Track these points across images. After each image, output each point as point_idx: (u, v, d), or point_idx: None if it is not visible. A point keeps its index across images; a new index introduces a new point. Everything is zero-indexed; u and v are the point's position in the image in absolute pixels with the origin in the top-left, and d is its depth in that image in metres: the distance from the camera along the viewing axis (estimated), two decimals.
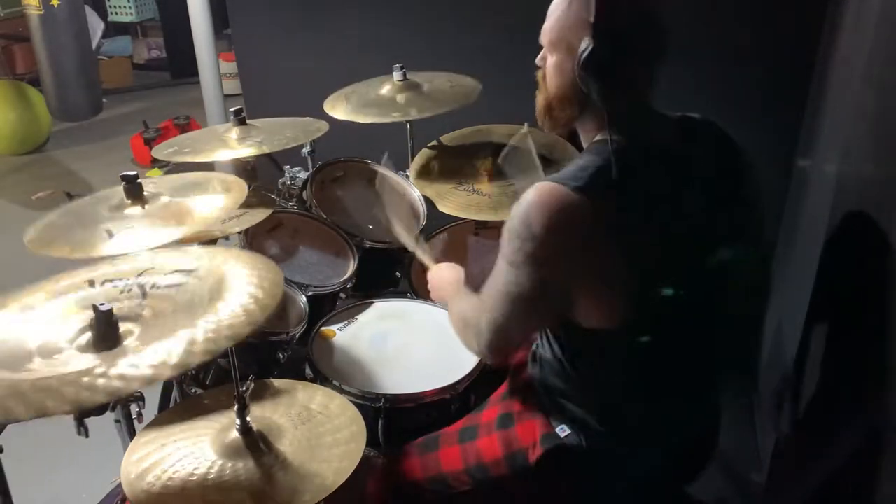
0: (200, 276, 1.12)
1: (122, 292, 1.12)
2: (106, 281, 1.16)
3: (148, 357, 0.92)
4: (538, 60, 1.20)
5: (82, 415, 1.05)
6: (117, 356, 0.95)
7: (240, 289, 1.05)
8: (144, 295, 1.11)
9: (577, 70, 1.08)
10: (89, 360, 0.96)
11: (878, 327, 1.13)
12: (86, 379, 0.89)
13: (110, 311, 1.00)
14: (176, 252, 1.23)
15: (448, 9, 2.61)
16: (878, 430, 1.08)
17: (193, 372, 1.64)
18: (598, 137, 1.16)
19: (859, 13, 1.66)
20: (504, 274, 1.14)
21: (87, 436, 1.09)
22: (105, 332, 1.00)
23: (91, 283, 1.15)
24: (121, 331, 1.02)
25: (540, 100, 1.20)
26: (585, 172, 1.08)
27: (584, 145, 1.20)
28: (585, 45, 1.06)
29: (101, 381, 0.88)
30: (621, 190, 1.08)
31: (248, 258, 1.16)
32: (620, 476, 1.25)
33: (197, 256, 1.19)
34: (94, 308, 1.00)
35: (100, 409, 1.04)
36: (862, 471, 1.14)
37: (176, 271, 1.15)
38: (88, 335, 1.02)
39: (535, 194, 1.07)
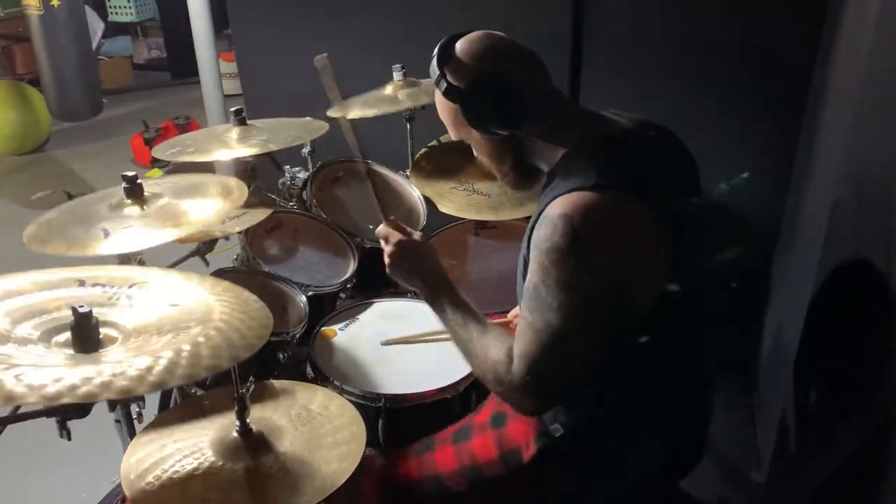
0: (189, 307, 1.11)
1: (108, 298, 1.12)
2: (96, 284, 1.16)
3: (72, 375, 0.89)
4: (475, 154, 1.31)
5: (63, 418, 1.05)
6: (80, 362, 0.95)
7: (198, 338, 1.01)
8: (131, 306, 1.11)
9: (473, 126, 1.20)
10: (40, 357, 0.96)
11: (878, 327, 1.13)
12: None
13: (89, 313, 1.00)
14: (175, 273, 1.23)
15: (448, 9, 2.61)
16: (878, 430, 1.08)
17: None
18: (561, 153, 1.18)
19: (859, 14, 1.66)
20: (551, 300, 1.05)
21: (69, 439, 1.08)
22: (80, 334, 1.00)
23: (81, 283, 1.15)
24: (102, 337, 1.02)
25: (497, 175, 1.31)
26: (588, 174, 1.09)
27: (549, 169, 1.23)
28: (459, 110, 1.19)
29: (9, 383, 0.86)
30: (624, 178, 1.09)
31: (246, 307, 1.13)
32: (616, 474, 1.25)
33: (197, 282, 1.19)
34: (73, 309, 0.99)
35: (81, 413, 1.03)
36: (862, 470, 1.14)
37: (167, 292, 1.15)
38: (67, 334, 1.02)
39: (564, 207, 1.06)
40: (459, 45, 1.21)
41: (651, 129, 1.23)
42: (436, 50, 1.22)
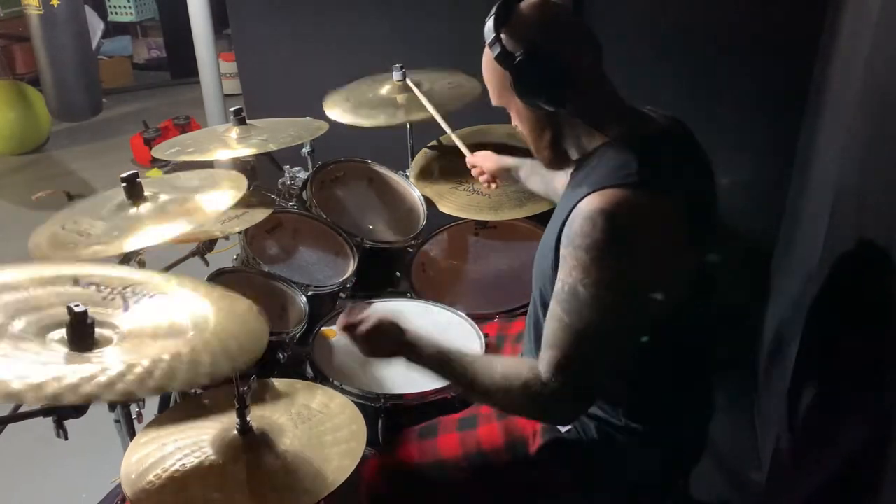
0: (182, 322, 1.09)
1: (104, 298, 1.12)
2: (91, 283, 1.15)
3: (70, 374, 0.88)
4: (512, 122, 1.26)
5: (60, 417, 1.04)
6: (73, 360, 0.95)
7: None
8: (127, 308, 1.10)
9: (521, 97, 1.15)
10: (37, 355, 0.95)
11: (878, 327, 1.13)
12: None
13: (85, 312, 0.99)
14: (171, 278, 1.22)
15: (448, 8, 2.61)
16: (878, 430, 1.08)
17: None
18: (599, 143, 1.17)
19: (859, 14, 1.66)
20: (591, 299, 1.04)
21: (66, 438, 1.07)
22: (76, 333, 1.00)
23: (75, 282, 1.14)
24: (97, 337, 1.01)
25: (532, 149, 1.26)
26: (629, 170, 1.08)
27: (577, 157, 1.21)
28: (509, 77, 1.13)
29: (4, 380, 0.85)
30: (662, 177, 1.09)
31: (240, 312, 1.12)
32: (619, 471, 1.26)
33: (193, 287, 1.18)
34: (69, 308, 0.99)
35: (76, 412, 1.03)
36: (862, 470, 1.14)
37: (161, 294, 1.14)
38: (62, 332, 1.01)
39: (602, 202, 1.04)
40: (519, 10, 1.15)
41: (683, 130, 1.23)
42: (494, 10, 1.15)
